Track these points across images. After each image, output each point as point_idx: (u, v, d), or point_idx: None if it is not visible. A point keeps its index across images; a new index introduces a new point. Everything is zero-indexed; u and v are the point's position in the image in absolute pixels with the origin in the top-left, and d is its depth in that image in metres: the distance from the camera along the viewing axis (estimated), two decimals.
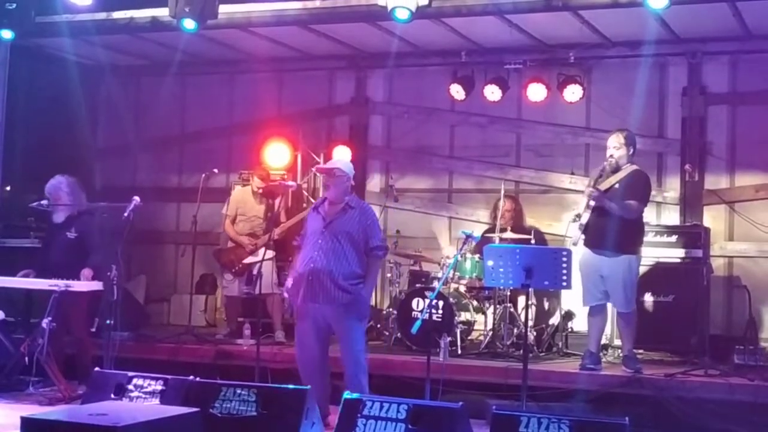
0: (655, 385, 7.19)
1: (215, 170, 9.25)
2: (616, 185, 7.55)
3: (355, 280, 6.61)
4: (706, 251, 8.54)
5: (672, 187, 9.39)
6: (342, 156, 9.73)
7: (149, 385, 5.90)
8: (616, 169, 7.60)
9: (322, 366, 6.75)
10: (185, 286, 9.88)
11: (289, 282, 6.79)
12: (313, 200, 10.27)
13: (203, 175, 9.19)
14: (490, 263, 6.36)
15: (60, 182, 7.95)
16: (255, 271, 8.36)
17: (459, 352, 8.24)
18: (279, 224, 8.92)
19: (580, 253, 7.62)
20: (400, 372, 7.76)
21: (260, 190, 9.10)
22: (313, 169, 7.13)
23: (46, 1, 8.47)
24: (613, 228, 7.43)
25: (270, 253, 8.86)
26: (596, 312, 7.70)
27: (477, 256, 8.54)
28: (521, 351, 7.27)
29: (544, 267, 6.21)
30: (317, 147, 10.39)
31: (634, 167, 7.69)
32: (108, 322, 7.14)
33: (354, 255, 6.62)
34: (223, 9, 8.15)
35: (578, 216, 7.65)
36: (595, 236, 7.53)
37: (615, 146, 7.63)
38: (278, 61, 10.51)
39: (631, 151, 7.66)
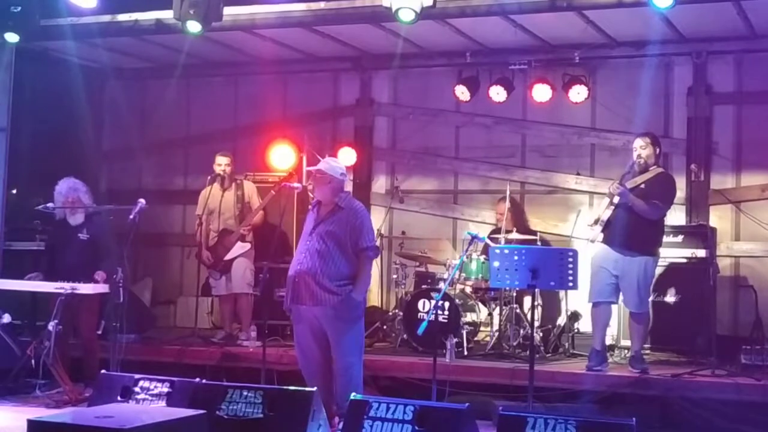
0: (662, 386, 7.18)
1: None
2: (642, 185, 7.59)
3: (343, 281, 6.55)
4: (713, 251, 8.51)
5: (678, 187, 9.28)
6: (337, 157, 9.69)
7: (155, 387, 5.88)
8: (644, 170, 7.64)
9: (325, 367, 6.72)
10: (191, 288, 9.89)
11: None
12: None
13: (209, 178, 9.19)
14: (496, 264, 6.36)
15: (77, 183, 7.97)
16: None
17: (465, 353, 8.24)
18: (250, 218, 8.90)
19: (595, 249, 7.67)
20: (407, 373, 7.75)
21: (223, 168, 8.92)
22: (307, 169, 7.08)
23: (51, 4, 8.46)
24: (634, 227, 7.47)
25: (245, 246, 8.87)
26: (602, 308, 7.70)
27: (483, 257, 8.53)
28: (527, 352, 7.25)
29: (550, 268, 6.21)
30: (322, 149, 10.33)
31: (661, 170, 7.80)
32: (114, 324, 7.15)
33: (340, 256, 6.57)
34: (228, 11, 8.14)
35: (597, 220, 7.65)
36: (615, 234, 7.53)
37: (641, 146, 7.67)
38: (283, 63, 10.51)
39: (657, 151, 7.73)
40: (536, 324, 8.02)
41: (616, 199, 7.50)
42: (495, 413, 5.84)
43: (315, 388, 5.73)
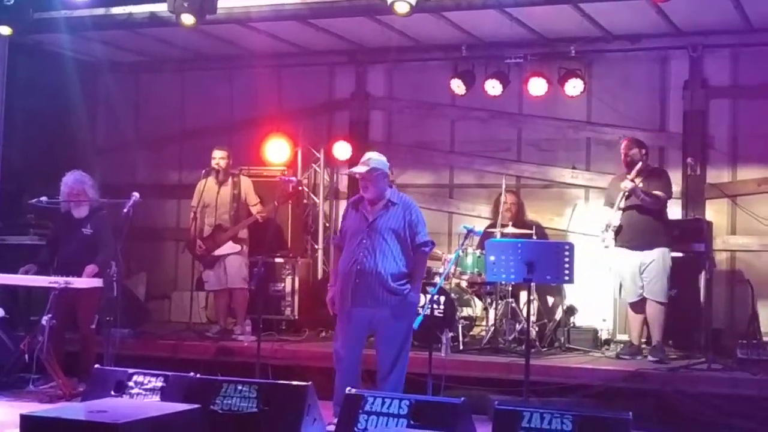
0: (658, 380, 7.20)
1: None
2: (640, 184, 7.92)
3: (403, 281, 6.40)
4: (709, 245, 8.50)
5: (674, 181, 9.27)
6: (332, 151, 9.99)
7: (150, 381, 5.86)
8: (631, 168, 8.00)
9: (359, 363, 6.60)
10: (186, 282, 9.86)
11: (331, 293, 6.57)
12: (314, 196, 10.29)
13: (203, 172, 9.16)
14: (492, 258, 6.35)
15: (84, 176, 7.97)
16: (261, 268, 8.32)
17: (461, 347, 8.23)
18: (248, 216, 8.90)
19: (613, 254, 8.06)
20: None
21: (217, 161, 8.91)
22: (346, 173, 6.76)
23: None
24: (646, 225, 7.93)
25: (236, 248, 8.86)
26: (638, 307, 8.05)
27: (479, 251, 8.51)
28: (523, 346, 7.25)
29: (546, 261, 6.23)
30: (317, 143, 10.38)
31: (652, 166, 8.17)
32: (108, 319, 7.12)
33: (401, 253, 6.40)
34: (222, 4, 8.11)
35: (608, 226, 8.01)
36: (630, 235, 7.95)
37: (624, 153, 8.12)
38: (278, 57, 10.47)
39: (634, 150, 8.05)
40: (532, 318, 8.02)
41: (623, 203, 7.85)
42: (491, 408, 5.82)
43: (310, 383, 5.68)
